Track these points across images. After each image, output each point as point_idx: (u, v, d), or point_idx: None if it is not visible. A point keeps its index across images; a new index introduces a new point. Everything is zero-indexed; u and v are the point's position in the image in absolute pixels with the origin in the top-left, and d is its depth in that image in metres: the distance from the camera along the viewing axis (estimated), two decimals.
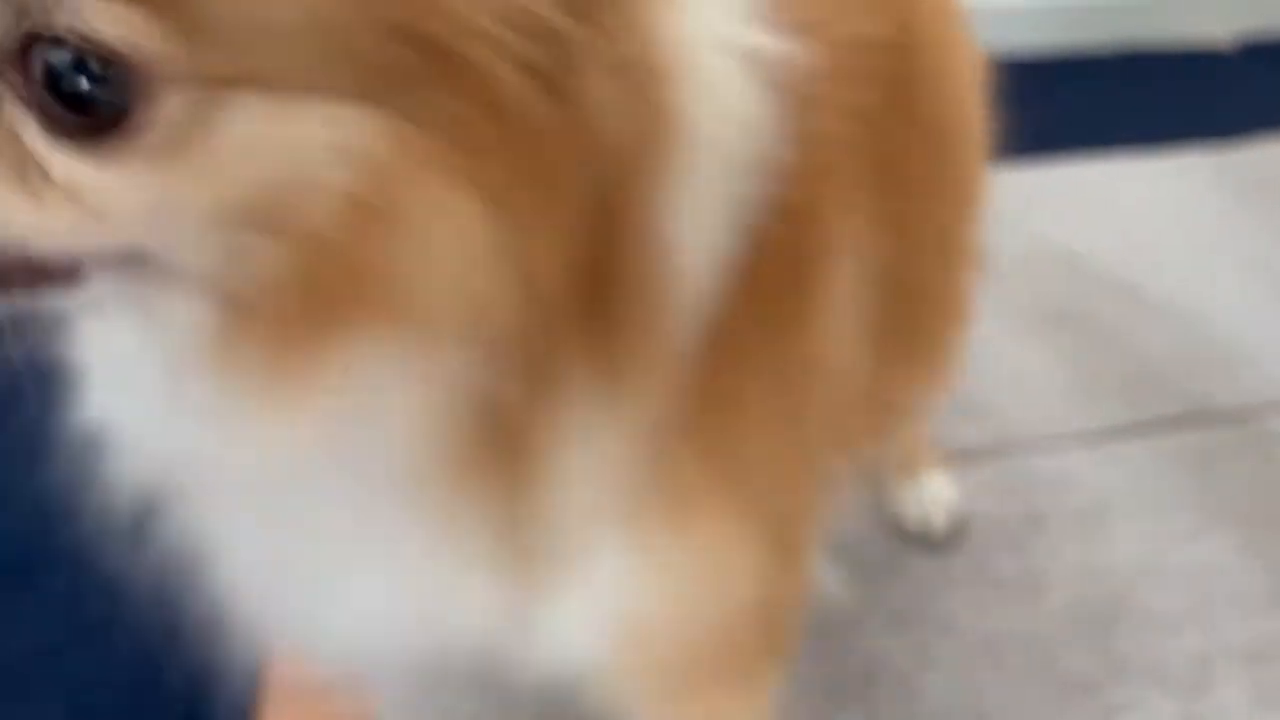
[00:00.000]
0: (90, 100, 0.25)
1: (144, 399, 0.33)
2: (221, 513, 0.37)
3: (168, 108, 0.25)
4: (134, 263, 0.28)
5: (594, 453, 0.34)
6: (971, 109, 0.53)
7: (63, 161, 0.25)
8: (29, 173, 0.25)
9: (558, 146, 0.27)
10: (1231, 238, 1.26)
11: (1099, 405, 0.93)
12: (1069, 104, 1.29)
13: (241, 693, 0.64)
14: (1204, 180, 1.47)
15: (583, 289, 0.29)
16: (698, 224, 0.33)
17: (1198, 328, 1.05)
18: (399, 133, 0.26)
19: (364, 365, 0.28)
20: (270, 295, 0.27)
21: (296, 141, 0.26)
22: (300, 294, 0.27)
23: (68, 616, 0.80)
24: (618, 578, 0.37)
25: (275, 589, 0.39)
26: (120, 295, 0.29)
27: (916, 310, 0.48)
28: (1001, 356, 1.02)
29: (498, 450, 0.33)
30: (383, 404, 0.30)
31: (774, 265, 0.35)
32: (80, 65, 0.24)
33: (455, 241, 0.27)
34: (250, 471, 0.32)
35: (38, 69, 0.25)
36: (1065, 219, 1.34)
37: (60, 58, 0.24)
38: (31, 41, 0.24)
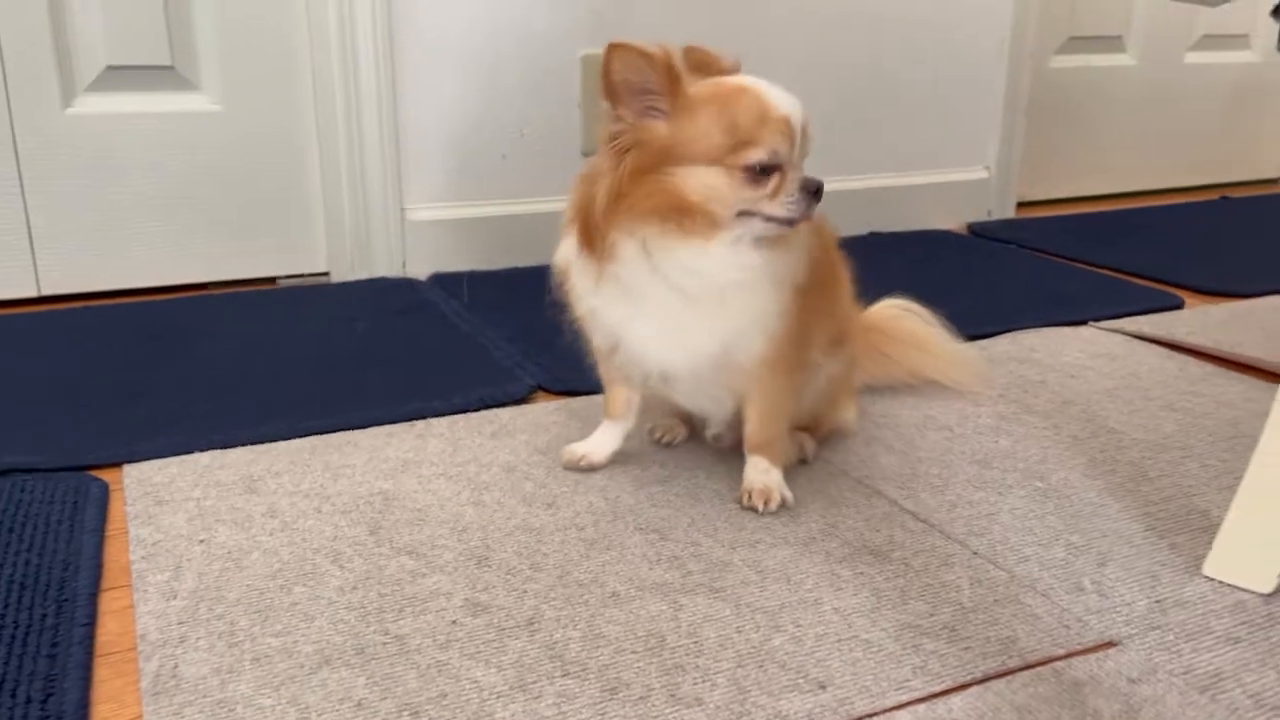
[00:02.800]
0: None
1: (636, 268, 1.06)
2: (646, 311, 1.08)
3: None
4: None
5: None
6: (833, 248, 1.23)
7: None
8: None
9: None
10: (1008, 451, 1.30)
11: (931, 662, 0.88)
12: None
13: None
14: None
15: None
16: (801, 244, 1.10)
17: (995, 560, 1.05)
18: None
19: (793, 242, 1.09)
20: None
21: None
22: None
23: None
24: (763, 340, 1.09)
25: (655, 344, 1.10)
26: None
27: (818, 314, 1.16)
28: (822, 605, 0.97)
29: (800, 260, 1.10)
30: (795, 252, 1.10)
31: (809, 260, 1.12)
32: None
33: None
34: (738, 281, 1.06)
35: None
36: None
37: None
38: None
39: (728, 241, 1.04)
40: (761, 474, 1.15)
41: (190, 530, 1.08)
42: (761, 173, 1.02)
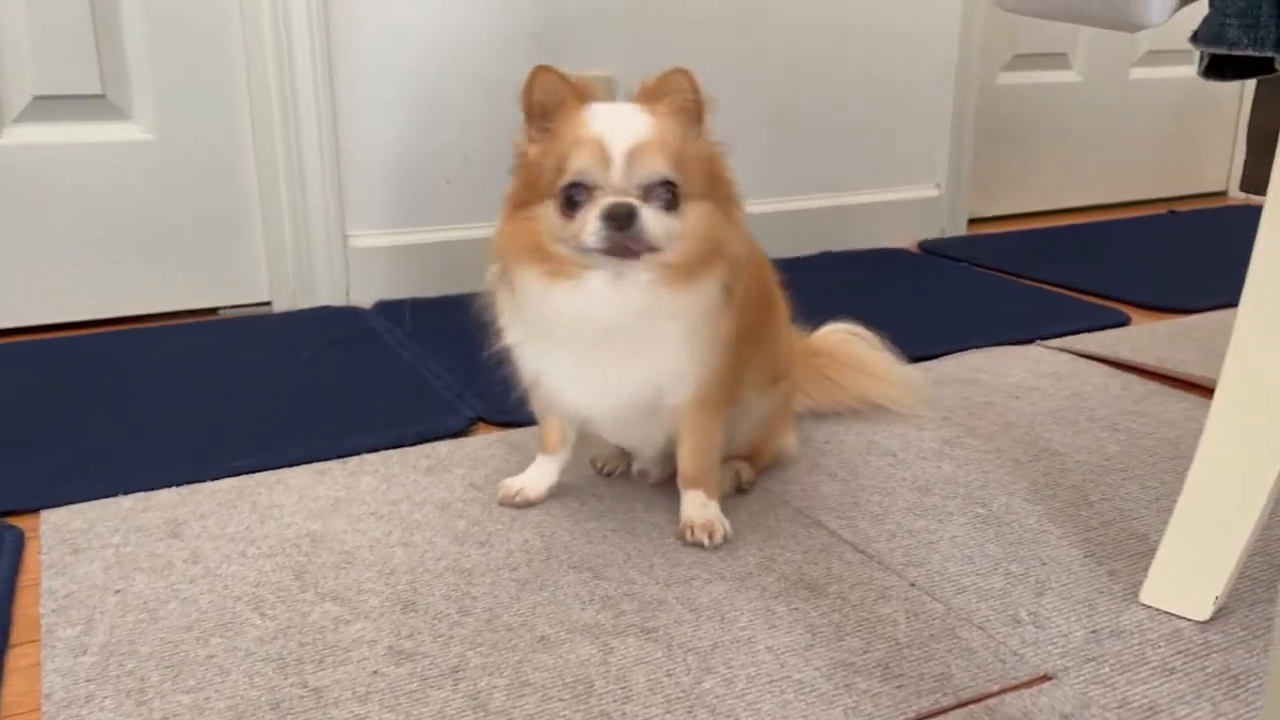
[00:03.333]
0: (669, 200, 0.97)
1: (603, 300, 1.00)
2: (559, 351, 1.06)
3: (681, 204, 0.98)
4: (656, 250, 0.97)
5: (732, 315, 1.05)
6: (772, 284, 1.21)
7: (659, 215, 0.96)
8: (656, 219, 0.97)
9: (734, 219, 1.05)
10: (950, 476, 1.29)
11: (863, 702, 0.86)
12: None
13: None
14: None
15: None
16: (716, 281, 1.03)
17: (932, 592, 1.03)
18: (716, 207, 1.01)
19: (705, 279, 1.01)
20: (684, 259, 0.99)
21: (701, 212, 0.99)
22: (697, 258, 0.99)
23: None
24: (697, 364, 1.05)
25: (572, 386, 1.08)
26: (643, 263, 0.98)
27: (755, 353, 1.15)
28: (756, 644, 0.95)
29: (721, 308, 1.03)
30: (708, 290, 1.02)
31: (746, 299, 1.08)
32: (669, 190, 0.97)
33: (734, 235, 1.03)
34: (646, 320, 1.02)
35: (659, 191, 0.97)
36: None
37: (665, 188, 0.97)
38: (660, 183, 0.97)
39: (606, 280, 0.99)
40: (700, 508, 1.13)
41: (106, 579, 1.04)
42: (574, 201, 0.96)
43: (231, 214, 1.93)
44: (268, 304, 1.99)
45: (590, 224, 0.95)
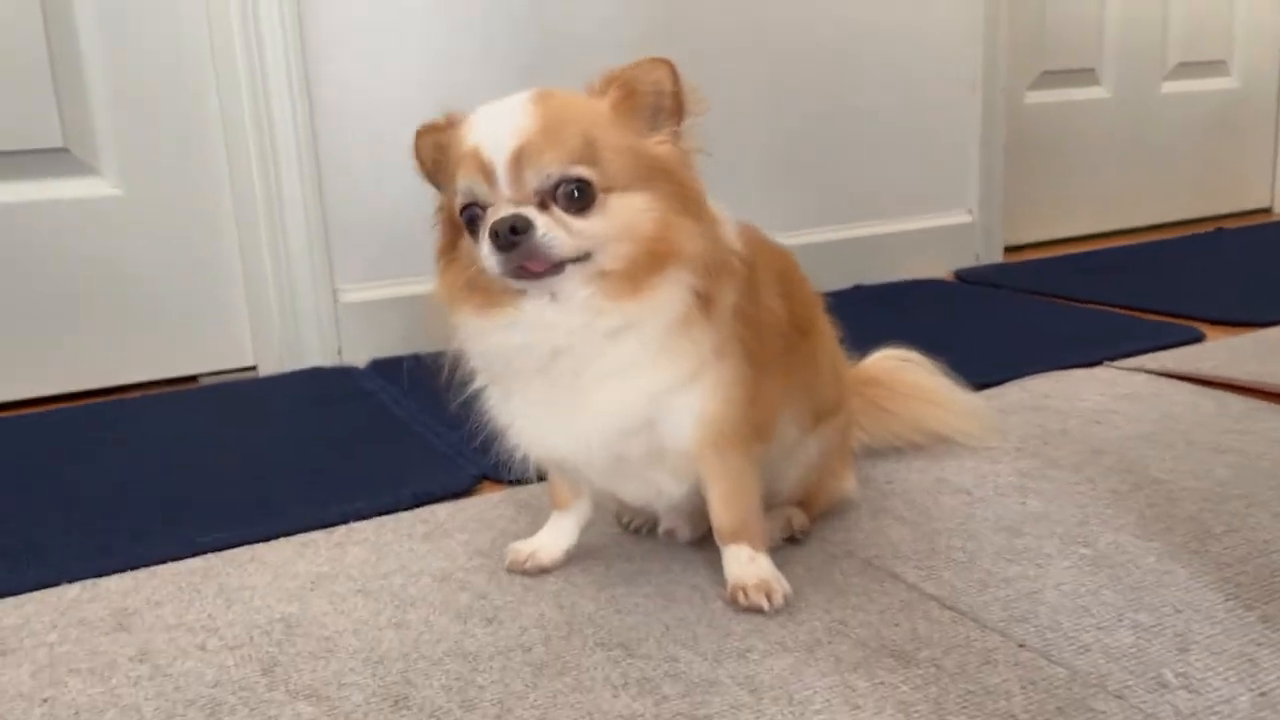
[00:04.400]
0: (580, 199, 0.81)
1: (553, 321, 0.84)
2: (520, 394, 0.91)
3: (599, 199, 0.81)
4: (583, 258, 0.81)
5: (717, 326, 0.87)
6: (809, 302, 1.07)
7: (569, 220, 0.81)
8: (562, 226, 0.80)
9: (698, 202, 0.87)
10: (1040, 513, 1.10)
11: None
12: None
13: None
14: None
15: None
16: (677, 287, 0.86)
17: (1047, 653, 0.84)
18: (658, 199, 0.83)
19: (659, 284, 0.83)
20: (627, 263, 0.82)
21: (633, 205, 0.83)
22: (643, 259, 0.83)
23: None
24: (709, 385, 0.88)
25: (546, 431, 0.91)
26: (569, 277, 0.82)
27: (786, 365, 0.99)
28: (838, 710, 0.75)
29: (693, 317, 0.86)
30: (666, 297, 0.84)
31: (749, 292, 0.91)
32: (577, 188, 0.81)
33: (690, 230, 0.84)
34: (592, 340, 0.85)
35: (563, 191, 0.80)
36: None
37: (570, 186, 0.80)
38: (561, 183, 0.80)
39: (542, 304, 0.85)
40: (748, 565, 0.93)
41: (34, 687, 0.85)
42: (475, 224, 0.84)
43: (210, 272, 1.77)
44: (253, 368, 1.82)
45: (483, 249, 0.82)
